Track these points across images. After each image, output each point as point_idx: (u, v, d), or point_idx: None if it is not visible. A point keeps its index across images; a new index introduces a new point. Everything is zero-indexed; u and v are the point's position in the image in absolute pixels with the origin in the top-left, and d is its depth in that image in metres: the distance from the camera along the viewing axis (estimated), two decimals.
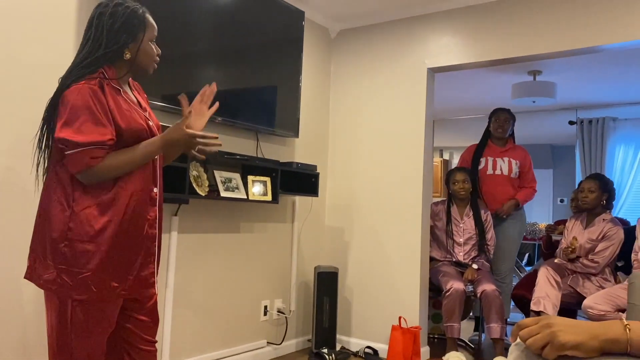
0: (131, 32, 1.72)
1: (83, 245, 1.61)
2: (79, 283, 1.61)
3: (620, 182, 6.49)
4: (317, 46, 3.96)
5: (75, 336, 1.65)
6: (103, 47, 1.69)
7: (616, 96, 5.81)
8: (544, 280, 3.47)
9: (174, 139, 1.74)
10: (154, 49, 1.81)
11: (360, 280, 3.86)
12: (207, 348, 3.15)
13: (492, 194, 4.09)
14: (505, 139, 4.20)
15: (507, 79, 5.19)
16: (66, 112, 1.60)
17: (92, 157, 1.60)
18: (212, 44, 3.01)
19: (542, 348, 0.91)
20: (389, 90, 3.82)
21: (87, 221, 1.62)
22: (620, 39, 2.99)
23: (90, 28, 1.71)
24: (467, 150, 4.31)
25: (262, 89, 3.35)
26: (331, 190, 4.06)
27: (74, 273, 1.61)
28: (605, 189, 3.69)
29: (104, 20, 1.69)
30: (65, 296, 1.62)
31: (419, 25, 3.72)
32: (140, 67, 1.79)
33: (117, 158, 1.66)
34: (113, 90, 1.70)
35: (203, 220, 3.12)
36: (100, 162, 1.61)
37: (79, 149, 1.58)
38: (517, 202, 4.06)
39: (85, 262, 1.61)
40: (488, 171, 4.12)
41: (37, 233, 1.69)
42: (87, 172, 1.61)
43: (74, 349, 1.66)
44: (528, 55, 3.30)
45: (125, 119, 1.69)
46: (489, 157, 4.14)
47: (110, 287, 1.67)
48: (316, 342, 3.57)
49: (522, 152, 4.19)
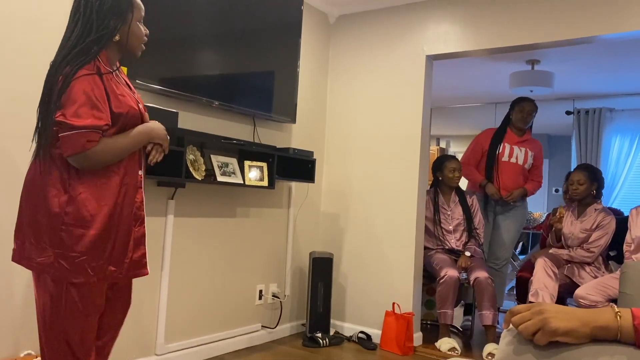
0: (120, 13, 1.72)
1: (80, 230, 1.63)
2: (76, 267, 1.63)
3: (615, 172, 6.51)
4: (316, 31, 3.94)
5: (70, 318, 1.66)
6: (94, 31, 1.67)
7: (613, 87, 5.81)
8: (541, 272, 3.50)
9: (161, 136, 1.85)
10: (142, 29, 1.82)
11: (355, 266, 3.88)
12: (202, 331, 3.17)
13: (504, 180, 4.07)
14: (525, 130, 4.18)
15: (505, 67, 5.18)
16: (65, 98, 1.61)
17: (88, 140, 1.61)
18: (210, 28, 2.99)
19: (533, 334, 0.92)
20: (387, 76, 3.81)
21: (83, 206, 1.64)
22: (618, 29, 2.99)
23: (77, 10, 1.69)
24: (484, 134, 4.25)
25: (260, 74, 3.33)
26: (327, 177, 4.06)
27: (72, 257, 1.63)
28: (594, 178, 3.71)
29: (92, 2, 1.68)
30: (62, 279, 1.63)
31: (418, 12, 3.70)
32: (130, 49, 1.80)
33: (111, 144, 1.68)
34: (109, 76, 1.71)
35: (199, 205, 3.12)
36: (95, 145, 1.63)
37: (74, 132, 1.60)
38: (526, 192, 4.08)
39: (82, 246, 1.63)
40: (504, 158, 4.10)
41: (27, 215, 1.68)
42: (81, 156, 1.62)
43: (68, 331, 1.67)
44: (526, 44, 3.29)
45: (121, 105, 1.72)
46: (506, 144, 4.11)
47: (108, 271, 1.70)
48: (310, 327, 3.60)
49: (538, 146, 4.20)
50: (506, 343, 0.98)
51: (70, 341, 1.68)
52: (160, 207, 2.90)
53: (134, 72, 2.59)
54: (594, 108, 6.48)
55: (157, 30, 2.72)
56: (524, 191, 4.09)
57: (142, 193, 1.84)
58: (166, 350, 2.94)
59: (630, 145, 6.51)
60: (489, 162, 4.08)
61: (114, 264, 1.71)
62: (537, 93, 5.16)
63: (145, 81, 2.66)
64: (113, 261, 1.71)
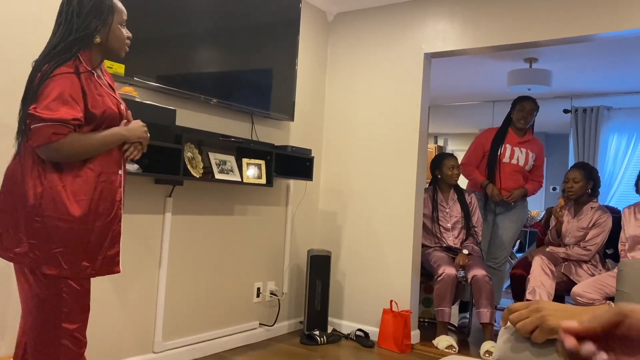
0: (100, 16, 1.78)
1: (55, 222, 1.68)
2: (50, 258, 1.68)
3: (613, 171, 6.52)
4: (314, 29, 3.93)
5: (64, 313, 1.71)
6: (74, 32, 1.74)
7: (611, 85, 5.81)
8: (538, 270, 3.51)
9: (138, 135, 1.89)
10: (124, 32, 1.87)
11: (353, 263, 3.88)
12: (200, 329, 3.17)
13: (504, 181, 4.07)
14: (526, 130, 4.17)
15: (503, 66, 5.18)
16: (39, 93, 1.67)
17: (54, 132, 1.65)
18: (208, 25, 2.99)
19: (531, 332, 0.92)
20: (385, 74, 3.80)
21: (58, 199, 1.69)
22: (616, 28, 2.99)
23: (60, 14, 1.78)
24: (485, 134, 4.24)
25: (258, 72, 3.33)
26: (325, 175, 4.06)
27: (45, 248, 1.68)
28: (589, 177, 3.71)
29: (73, 6, 1.76)
30: (36, 268, 1.69)
31: (417, 9, 3.70)
32: (112, 51, 1.85)
33: (79, 140, 1.72)
34: (88, 75, 1.76)
35: (197, 202, 3.12)
36: (61, 139, 1.66)
37: (42, 124, 1.65)
38: (526, 192, 4.09)
39: (56, 238, 1.68)
40: (504, 159, 4.09)
41: (6, 205, 1.73)
42: (48, 147, 1.67)
43: (58, 326, 1.71)
44: (524, 42, 3.29)
45: (98, 104, 1.76)
46: (507, 145, 4.10)
47: (82, 266, 1.74)
48: (308, 324, 3.60)
49: (540, 146, 4.20)
50: (504, 341, 0.98)
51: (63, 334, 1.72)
52: (158, 205, 2.90)
53: (132, 69, 2.58)
54: (592, 106, 6.48)
55: (155, 27, 2.72)
56: (524, 191, 4.09)
57: (121, 192, 1.88)
58: (164, 348, 2.94)
59: (628, 144, 6.52)
60: (490, 163, 4.08)
61: (88, 260, 1.75)
62: (535, 91, 5.16)
63: (143, 79, 2.66)
64: (87, 257, 1.75)
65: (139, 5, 2.61)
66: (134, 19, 2.61)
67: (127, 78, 2.57)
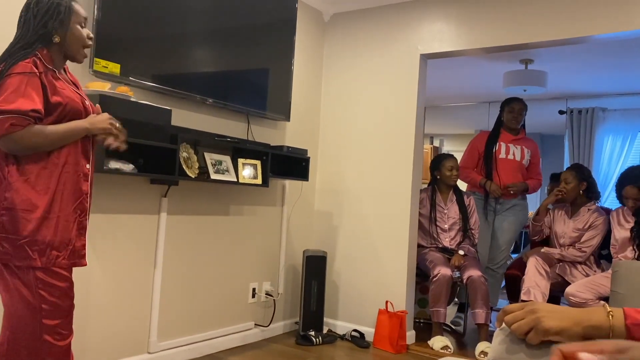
0: (57, 17, 1.83)
1: (20, 214, 1.72)
2: (18, 249, 1.72)
3: (608, 172, 6.55)
4: (310, 29, 3.93)
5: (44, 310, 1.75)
6: (32, 30, 1.81)
7: (606, 87, 5.84)
8: (533, 271, 3.52)
9: (101, 127, 1.91)
10: (83, 32, 1.91)
11: (348, 264, 3.88)
12: (195, 329, 3.16)
13: (503, 177, 4.09)
14: (518, 129, 4.21)
15: (499, 67, 5.19)
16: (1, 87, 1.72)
17: (12, 124, 1.68)
18: (204, 25, 2.98)
19: (526, 333, 0.92)
20: (381, 75, 3.81)
21: (23, 191, 1.73)
22: (611, 30, 3.00)
23: (20, 20, 1.86)
24: (478, 137, 4.29)
25: (254, 71, 3.33)
26: (321, 175, 4.06)
27: (13, 240, 1.72)
28: (582, 177, 3.73)
29: (32, 8, 1.82)
30: (7, 262, 1.73)
31: (413, 10, 3.70)
32: (71, 51, 1.90)
33: (40, 130, 1.74)
34: (47, 71, 1.80)
35: (192, 202, 3.12)
36: (19, 130, 1.69)
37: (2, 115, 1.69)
38: (527, 186, 4.11)
39: (22, 229, 1.72)
40: (501, 155, 4.13)
41: None
42: (6, 139, 1.70)
43: (39, 322, 1.74)
44: (520, 43, 3.30)
45: (60, 95, 1.81)
46: (501, 142, 4.15)
47: (52, 255, 1.77)
48: (303, 325, 3.60)
49: (533, 144, 4.25)
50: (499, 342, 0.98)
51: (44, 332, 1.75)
52: (154, 205, 2.89)
53: (128, 69, 2.58)
54: (587, 108, 6.51)
55: (151, 27, 2.71)
56: (525, 185, 4.11)
57: (88, 185, 1.92)
58: (159, 349, 2.93)
59: (623, 145, 6.54)
60: (487, 161, 4.11)
61: (57, 249, 1.78)
62: (531, 92, 5.17)
63: (138, 78, 2.65)
64: (56, 246, 1.78)
65: (134, 5, 2.61)
66: (130, 19, 2.61)
67: (122, 78, 2.57)
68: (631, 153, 6.54)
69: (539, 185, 4.23)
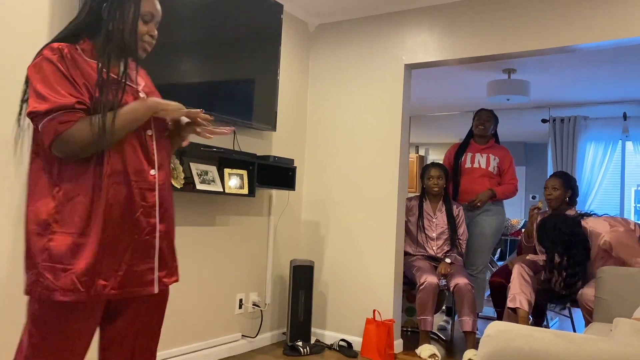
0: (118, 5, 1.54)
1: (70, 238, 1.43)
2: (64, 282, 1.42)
3: (590, 179, 6.64)
4: (296, 40, 3.95)
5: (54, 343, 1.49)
6: (83, 16, 1.55)
7: (588, 95, 5.93)
8: (518, 278, 3.55)
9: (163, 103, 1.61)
10: (144, 28, 1.61)
11: (336, 274, 3.88)
12: (182, 341, 3.13)
13: (468, 186, 4.25)
14: (487, 138, 4.35)
15: (482, 76, 5.26)
16: (30, 87, 1.46)
17: (60, 122, 1.41)
18: (190, 36, 2.98)
19: None
20: (366, 85, 3.83)
21: (74, 210, 1.44)
22: (593, 40, 3.06)
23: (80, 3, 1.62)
24: (450, 150, 4.48)
25: (240, 82, 3.33)
26: (308, 185, 4.06)
27: (58, 270, 1.42)
28: (568, 185, 3.80)
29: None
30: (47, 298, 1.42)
31: (397, 21, 3.74)
32: (126, 46, 1.57)
33: (90, 122, 1.44)
34: (82, 61, 1.51)
35: (178, 213, 3.10)
36: (70, 126, 1.42)
37: (46, 118, 1.41)
38: (492, 193, 4.16)
39: (71, 257, 1.43)
40: (466, 165, 4.30)
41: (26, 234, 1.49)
42: (57, 142, 1.42)
43: None
44: (503, 53, 3.35)
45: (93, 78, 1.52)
46: (469, 153, 4.32)
47: (99, 286, 1.46)
48: (291, 335, 3.58)
49: (503, 151, 4.35)
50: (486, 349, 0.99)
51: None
52: None
53: None
54: (569, 116, 6.61)
55: None
56: (490, 192, 4.17)
57: (155, 196, 1.56)
58: None
59: (605, 153, 6.65)
60: (454, 171, 4.28)
61: (104, 277, 1.47)
62: (514, 101, 5.24)
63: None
64: (102, 274, 1.46)
65: None
66: None
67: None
68: (613, 160, 6.65)
69: (513, 190, 4.29)
